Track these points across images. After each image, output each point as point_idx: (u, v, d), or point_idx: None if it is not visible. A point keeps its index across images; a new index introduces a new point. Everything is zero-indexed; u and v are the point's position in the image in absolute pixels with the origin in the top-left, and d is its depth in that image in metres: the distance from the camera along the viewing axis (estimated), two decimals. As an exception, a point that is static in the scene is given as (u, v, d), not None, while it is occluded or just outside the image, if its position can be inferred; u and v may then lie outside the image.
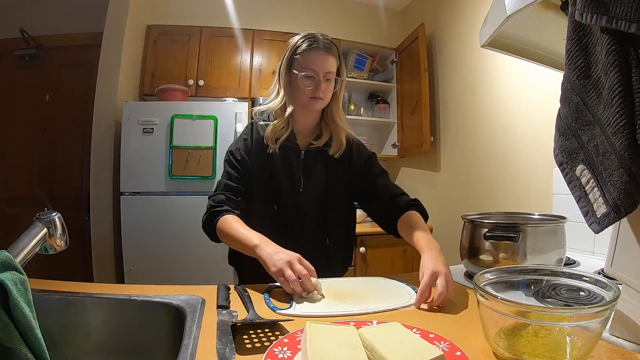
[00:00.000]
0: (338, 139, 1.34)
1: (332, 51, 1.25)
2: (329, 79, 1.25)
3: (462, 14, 2.67)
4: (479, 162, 2.47)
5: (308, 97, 1.24)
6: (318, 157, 1.33)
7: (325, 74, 1.23)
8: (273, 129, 1.28)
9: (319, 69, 1.22)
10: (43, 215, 0.76)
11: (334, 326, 0.68)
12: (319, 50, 1.23)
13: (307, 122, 1.34)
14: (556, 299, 0.77)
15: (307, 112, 1.31)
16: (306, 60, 1.23)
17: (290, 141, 1.30)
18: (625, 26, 0.58)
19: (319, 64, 1.23)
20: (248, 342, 0.71)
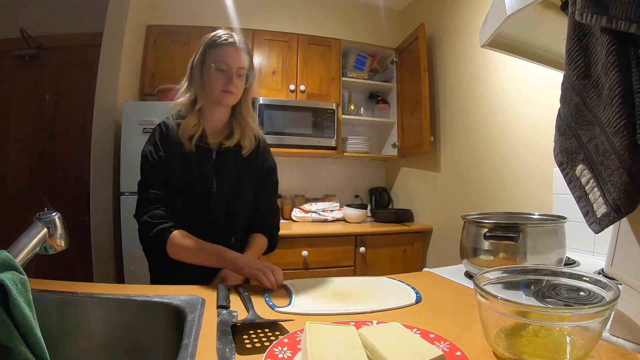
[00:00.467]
0: (249, 138, 1.35)
1: (244, 47, 1.28)
2: (240, 75, 1.27)
3: (462, 14, 2.67)
4: (479, 162, 2.47)
5: (220, 90, 1.25)
6: (230, 158, 1.33)
7: (237, 69, 1.25)
8: (185, 126, 1.28)
9: (232, 63, 1.24)
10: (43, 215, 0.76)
11: (333, 326, 0.68)
12: (234, 45, 1.26)
13: (217, 120, 1.34)
14: (556, 299, 0.77)
15: (218, 108, 1.31)
16: (221, 54, 1.25)
17: (203, 141, 1.30)
18: (626, 26, 0.58)
19: (232, 59, 1.24)
20: (248, 342, 0.71)
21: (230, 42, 1.26)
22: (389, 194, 3.59)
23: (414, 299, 0.96)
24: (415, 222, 3.23)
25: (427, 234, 3.04)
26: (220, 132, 1.35)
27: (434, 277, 1.23)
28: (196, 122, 1.29)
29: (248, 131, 1.35)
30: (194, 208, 1.29)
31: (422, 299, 0.98)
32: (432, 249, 3.02)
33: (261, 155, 1.40)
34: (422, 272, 1.33)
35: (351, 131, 3.40)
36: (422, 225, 3.05)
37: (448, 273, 1.26)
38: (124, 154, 2.46)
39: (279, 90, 3.05)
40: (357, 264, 2.78)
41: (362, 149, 3.29)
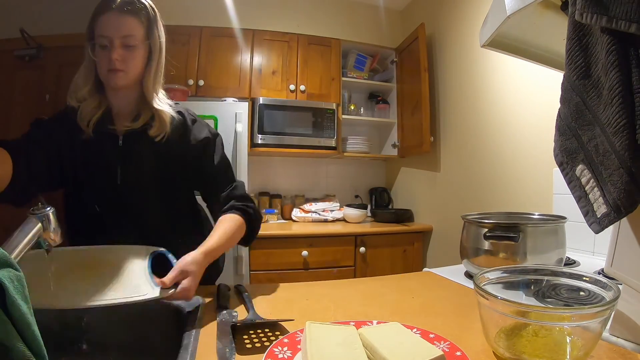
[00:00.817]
0: (159, 121, 1.10)
1: (131, 11, 1.02)
2: (128, 45, 1.03)
3: (462, 14, 2.67)
4: (479, 162, 2.47)
5: (106, 69, 1.03)
6: (139, 142, 1.10)
7: (122, 39, 1.01)
8: (83, 108, 1.07)
9: (112, 33, 1.00)
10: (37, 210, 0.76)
11: (333, 326, 0.68)
12: (111, 12, 1.00)
13: (122, 101, 1.11)
14: (556, 299, 0.77)
15: (116, 90, 1.09)
16: (99, 26, 1.01)
17: (104, 126, 1.07)
18: (626, 26, 0.58)
19: (111, 27, 1.00)
20: (248, 342, 0.71)
21: (107, 7, 1.00)
22: (389, 194, 3.59)
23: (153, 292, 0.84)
24: (415, 222, 3.23)
25: (427, 234, 3.04)
26: (128, 116, 1.11)
27: (434, 277, 1.23)
28: (97, 104, 1.07)
29: (157, 114, 1.10)
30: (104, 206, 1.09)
31: (422, 299, 0.98)
32: (432, 249, 3.02)
33: (188, 133, 1.15)
34: (422, 272, 1.33)
35: (351, 131, 3.40)
36: (422, 225, 3.05)
37: (448, 273, 1.26)
38: (124, 154, 2.46)
39: (279, 90, 3.05)
40: (357, 264, 2.78)
41: (362, 149, 3.29)
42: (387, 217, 3.21)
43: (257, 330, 0.76)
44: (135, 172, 1.10)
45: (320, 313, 0.89)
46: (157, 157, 1.11)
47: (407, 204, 3.37)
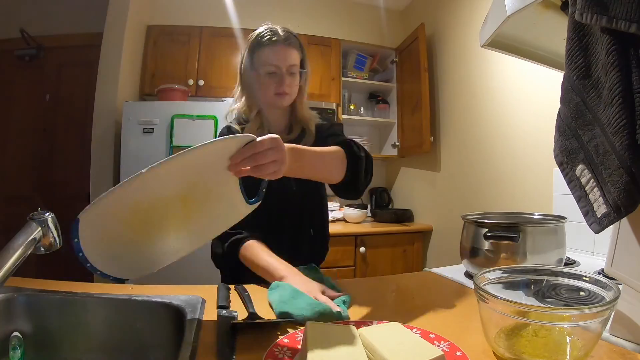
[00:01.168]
0: (309, 131, 1.28)
1: (292, 43, 1.20)
2: (292, 73, 1.20)
3: (462, 14, 2.67)
4: (479, 162, 2.47)
5: (272, 93, 1.19)
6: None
7: (288, 68, 1.19)
8: (249, 130, 1.21)
9: (281, 63, 1.17)
10: (36, 215, 0.76)
11: (333, 326, 0.68)
12: (278, 44, 1.18)
13: (279, 120, 1.29)
14: (556, 299, 0.77)
15: (275, 110, 1.26)
16: (267, 56, 1.18)
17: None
18: (626, 26, 0.58)
19: (281, 58, 1.17)
20: (249, 342, 0.71)
21: (275, 40, 1.17)
22: (389, 194, 3.59)
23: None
24: (415, 222, 3.23)
25: (427, 234, 3.04)
26: (283, 130, 1.30)
27: (434, 277, 1.23)
28: (260, 125, 1.23)
29: (309, 125, 1.29)
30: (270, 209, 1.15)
31: (423, 299, 0.98)
32: (432, 249, 3.02)
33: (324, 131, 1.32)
34: (422, 272, 1.33)
35: (351, 131, 3.40)
36: (422, 225, 3.05)
37: (448, 273, 1.26)
38: (124, 154, 2.46)
39: (279, 90, 3.04)
40: (357, 264, 2.78)
41: (362, 149, 3.28)
42: (387, 217, 3.21)
43: (257, 330, 0.76)
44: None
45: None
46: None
47: (407, 204, 3.37)
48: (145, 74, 2.91)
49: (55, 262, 1.37)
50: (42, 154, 2.96)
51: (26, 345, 0.88)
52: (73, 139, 2.92)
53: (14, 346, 0.86)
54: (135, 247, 0.79)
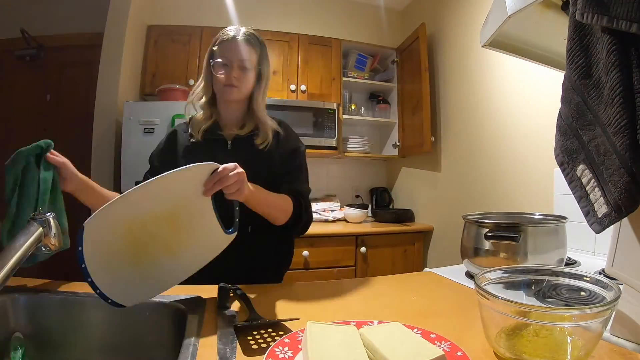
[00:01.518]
0: (264, 131, 1.31)
1: (250, 41, 1.27)
2: (244, 67, 1.25)
3: (463, 14, 2.67)
4: (480, 162, 2.47)
5: (222, 84, 1.26)
6: (244, 147, 1.29)
7: (239, 62, 1.25)
8: (195, 120, 1.31)
9: (232, 56, 1.24)
10: (38, 215, 0.77)
11: (334, 326, 0.68)
12: (234, 40, 1.25)
13: (231, 114, 1.34)
14: (557, 299, 0.77)
15: (228, 103, 1.32)
16: (222, 49, 1.26)
17: (214, 133, 1.30)
18: (626, 26, 0.58)
19: (232, 52, 1.25)
20: (253, 342, 0.71)
21: (232, 36, 1.26)
22: (389, 194, 3.59)
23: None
24: (416, 222, 3.23)
25: (428, 234, 3.04)
26: (235, 125, 1.34)
27: (434, 277, 1.23)
28: (207, 115, 1.31)
29: (262, 126, 1.32)
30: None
31: (423, 299, 0.98)
32: (432, 249, 3.02)
33: (282, 142, 1.35)
34: (423, 272, 1.33)
35: (352, 131, 3.40)
36: (423, 225, 3.05)
37: (449, 273, 1.26)
38: (124, 154, 2.47)
39: (280, 90, 3.05)
40: (358, 264, 2.78)
41: (363, 149, 3.29)
42: (387, 217, 3.21)
43: (260, 330, 0.76)
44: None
45: (320, 313, 0.89)
46: (259, 160, 1.28)
47: (408, 204, 3.37)
48: (146, 74, 2.91)
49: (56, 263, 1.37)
50: (42, 154, 2.96)
51: (27, 345, 0.88)
52: (74, 139, 2.91)
53: (15, 347, 0.86)
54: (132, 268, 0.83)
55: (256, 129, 1.32)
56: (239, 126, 1.33)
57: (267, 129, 1.32)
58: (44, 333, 0.91)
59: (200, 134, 1.29)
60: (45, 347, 0.90)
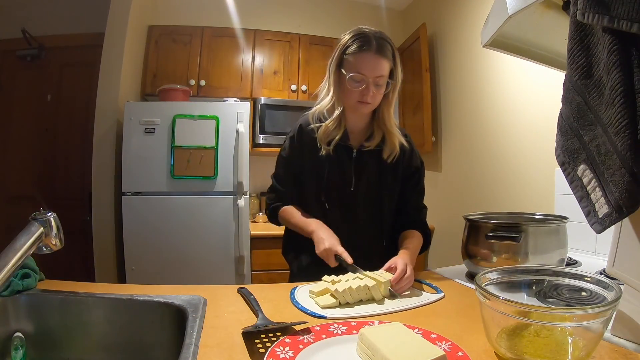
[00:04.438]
0: (391, 143, 1.28)
1: (384, 53, 1.18)
2: (378, 84, 1.19)
3: (464, 14, 2.67)
4: (481, 162, 2.47)
5: (355, 100, 1.20)
6: (370, 158, 1.29)
7: (375, 79, 1.17)
8: (325, 129, 1.25)
9: (369, 73, 1.17)
10: (39, 215, 0.76)
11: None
12: (369, 53, 1.16)
13: (358, 123, 1.30)
14: (558, 299, 0.77)
15: (356, 113, 1.27)
16: (356, 63, 1.17)
17: (343, 140, 1.27)
18: (627, 26, 0.58)
19: (369, 68, 1.16)
20: (260, 346, 0.70)
21: (365, 49, 1.16)
22: (390, 194, 3.58)
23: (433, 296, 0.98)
24: (416, 222, 3.22)
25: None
26: (361, 134, 1.31)
27: (435, 277, 1.23)
28: (336, 125, 1.25)
29: (389, 137, 1.28)
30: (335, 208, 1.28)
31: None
32: (433, 249, 3.01)
33: (406, 157, 1.34)
34: (424, 271, 1.33)
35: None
36: (424, 225, 3.05)
37: (450, 273, 1.26)
38: (125, 154, 2.47)
39: (281, 91, 3.05)
40: (359, 264, 2.77)
41: (364, 149, 3.28)
42: (388, 217, 3.20)
43: (269, 334, 0.74)
44: (367, 182, 1.30)
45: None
46: (384, 172, 1.30)
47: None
48: (147, 74, 2.91)
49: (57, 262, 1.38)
50: (43, 154, 2.96)
51: (28, 345, 0.89)
52: (74, 139, 2.92)
53: (15, 346, 0.86)
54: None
55: (383, 141, 1.29)
56: (366, 135, 1.30)
57: (395, 141, 1.29)
58: (44, 333, 0.91)
59: (332, 146, 1.25)
60: (46, 347, 0.91)
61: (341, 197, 1.29)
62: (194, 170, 2.49)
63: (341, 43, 1.22)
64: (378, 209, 1.31)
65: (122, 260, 2.44)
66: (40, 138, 2.96)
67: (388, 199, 1.32)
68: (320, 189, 1.28)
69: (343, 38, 1.23)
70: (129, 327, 0.92)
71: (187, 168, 2.48)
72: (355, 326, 0.75)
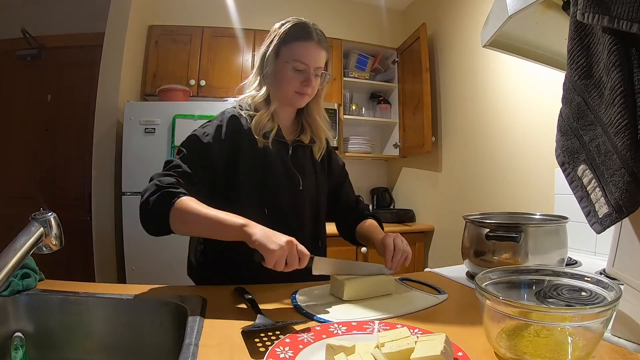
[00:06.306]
0: (319, 139, 1.27)
1: (323, 44, 1.16)
2: (317, 75, 1.16)
3: (464, 14, 2.67)
4: (481, 162, 2.47)
5: (293, 91, 1.15)
6: (305, 154, 1.25)
7: (315, 69, 1.14)
8: (259, 119, 1.14)
9: (311, 63, 1.13)
10: (39, 215, 0.76)
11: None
12: (312, 42, 1.13)
13: (287, 116, 1.25)
14: (558, 299, 0.77)
15: (287, 107, 1.22)
16: (299, 52, 1.12)
17: (279, 135, 1.18)
18: (627, 26, 0.58)
19: (312, 58, 1.13)
20: (260, 345, 0.70)
21: (309, 38, 1.13)
22: (390, 194, 3.58)
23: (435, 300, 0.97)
24: (416, 222, 3.22)
25: (429, 234, 3.03)
26: (292, 128, 1.27)
27: (435, 278, 1.23)
28: (270, 118, 1.17)
29: (319, 132, 1.26)
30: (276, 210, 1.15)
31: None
32: (433, 249, 3.01)
33: (332, 154, 1.35)
34: (424, 272, 1.33)
35: (353, 131, 3.39)
36: (424, 225, 3.05)
37: (450, 273, 1.26)
38: (125, 154, 2.47)
39: (281, 91, 3.05)
40: (359, 264, 2.78)
41: (364, 149, 3.29)
42: (388, 217, 3.20)
43: (268, 333, 0.74)
44: (309, 179, 1.24)
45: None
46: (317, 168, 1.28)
47: (409, 204, 3.37)
48: (147, 74, 2.91)
49: (57, 262, 1.38)
50: (43, 154, 2.96)
51: (28, 345, 0.89)
52: (74, 139, 2.92)
53: (15, 346, 0.86)
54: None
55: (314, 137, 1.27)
56: (296, 131, 1.26)
57: (322, 137, 1.28)
58: (44, 333, 0.91)
59: (270, 140, 1.15)
60: (46, 347, 0.91)
61: (289, 198, 1.18)
62: (194, 170, 2.48)
63: (280, 32, 1.17)
64: (317, 209, 1.26)
65: (122, 260, 2.44)
66: (40, 138, 2.97)
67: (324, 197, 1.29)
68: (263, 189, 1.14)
69: (281, 27, 1.18)
70: (129, 327, 0.92)
71: (187, 168, 2.48)
72: (356, 326, 0.75)
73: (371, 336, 0.71)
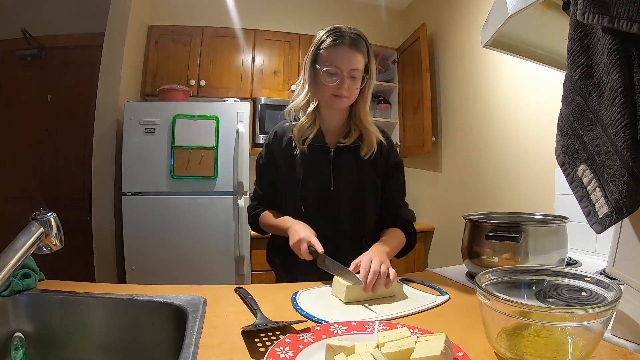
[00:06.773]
0: (368, 140, 1.28)
1: (358, 47, 1.19)
2: (354, 77, 1.20)
3: (464, 14, 2.67)
4: (481, 162, 2.47)
5: (330, 94, 1.20)
6: (348, 156, 1.28)
7: (350, 72, 1.18)
8: (299, 127, 1.24)
9: (343, 66, 1.17)
10: (39, 215, 0.76)
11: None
12: (343, 46, 1.17)
13: (334, 120, 1.30)
14: (558, 299, 0.77)
15: (332, 110, 1.27)
16: (330, 56, 1.18)
17: (319, 140, 1.26)
18: (627, 26, 0.58)
19: (343, 61, 1.17)
20: (260, 345, 0.70)
21: (339, 42, 1.18)
22: (390, 194, 3.58)
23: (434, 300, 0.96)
24: (417, 222, 3.22)
25: (429, 234, 3.03)
26: (338, 131, 1.30)
27: (435, 278, 1.23)
28: (311, 123, 1.25)
29: (366, 133, 1.28)
30: (314, 209, 1.25)
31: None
32: (433, 249, 3.01)
33: (384, 154, 1.34)
34: (424, 272, 1.33)
35: (352, 131, 3.38)
36: (424, 225, 3.05)
37: (450, 273, 1.26)
38: (125, 154, 2.47)
39: (281, 91, 3.05)
40: (359, 264, 2.77)
41: (364, 149, 3.28)
42: (388, 217, 3.20)
43: (268, 333, 0.74)
44: (346, 180, 1.28)
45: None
46: (362, 168, 1.29)
47: (409, 204, 3.36)
48: (147, 74, 2.91)
49: (57, 262, 1.38)
50: (43, 154, 2.96)
51: (28, 345, 0.89)
52: (74, 139, 2.92)
53: (15, 346, 0.86)
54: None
55: (360, 138, 1.29)
56: (343, 134, 1.29)
57: (372, 138, 1.29)
58: (44, 333, 0.91)
59: (306, 145, 1.25)
60: (46, 347, 0.91)
61: (320, 198, 1.26)
62: (194, 170, 2.49)
63: (316, 40, 1.22)
64: (358, 208, 1.29)
65: (122, 260, 2.44)
66: (41, 138, 2.96)
67: (369, 197, 1.30)
68: (296, 190, 1.26)
69: (318, 35, 1.23)
70: (128, 327, 0.92)
71: (187, 168, 2.49)
72: (356, 326, 0.75)
73: (371, 336, 0.71)
